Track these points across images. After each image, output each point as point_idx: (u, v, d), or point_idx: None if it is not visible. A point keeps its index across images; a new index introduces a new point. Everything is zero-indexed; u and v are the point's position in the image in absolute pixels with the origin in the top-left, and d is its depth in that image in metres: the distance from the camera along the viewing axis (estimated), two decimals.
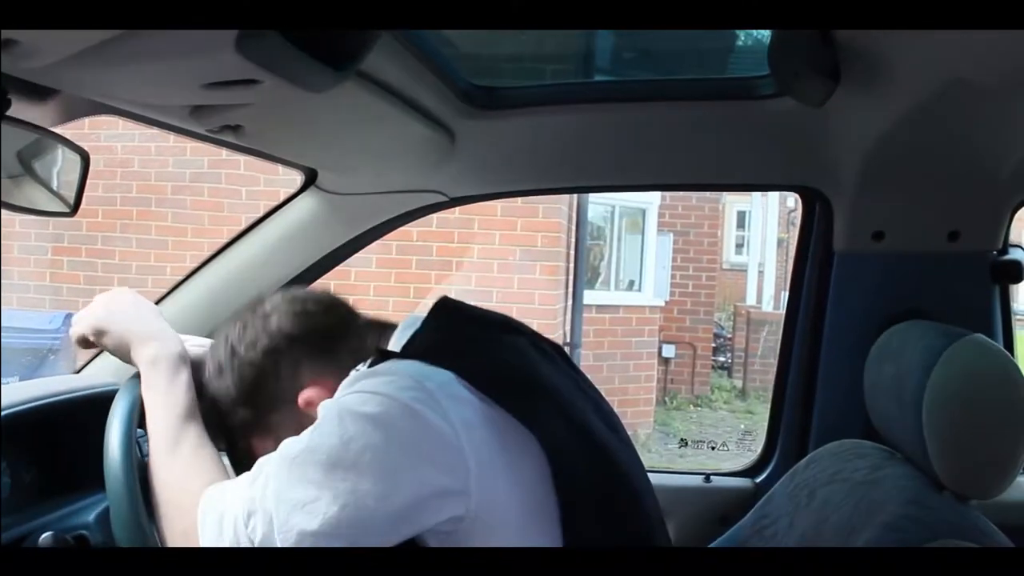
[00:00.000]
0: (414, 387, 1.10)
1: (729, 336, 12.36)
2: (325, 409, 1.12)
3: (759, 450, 2.08)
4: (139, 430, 1.36)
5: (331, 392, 1.21)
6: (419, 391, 1.10)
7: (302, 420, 1.23)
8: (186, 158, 7.03)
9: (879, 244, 1.79)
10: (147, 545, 1.19)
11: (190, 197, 7.05)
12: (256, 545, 1.10)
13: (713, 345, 11.31)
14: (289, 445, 1.11)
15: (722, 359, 11.90)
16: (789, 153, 1.74)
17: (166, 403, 1.27)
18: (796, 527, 1.56)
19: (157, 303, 1.81)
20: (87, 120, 1.25)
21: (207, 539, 1.14)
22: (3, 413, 1.39)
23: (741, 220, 18.42)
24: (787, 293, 1.97)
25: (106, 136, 6.88)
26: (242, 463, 1.31)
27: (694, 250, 10.71)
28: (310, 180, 1.79)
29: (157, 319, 1.37)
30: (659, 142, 1.72)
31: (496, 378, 1.16)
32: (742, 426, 9.37)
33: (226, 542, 1.12)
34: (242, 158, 6.80)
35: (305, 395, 1.26)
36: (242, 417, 1.30)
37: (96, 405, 1.34)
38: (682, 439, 8.39)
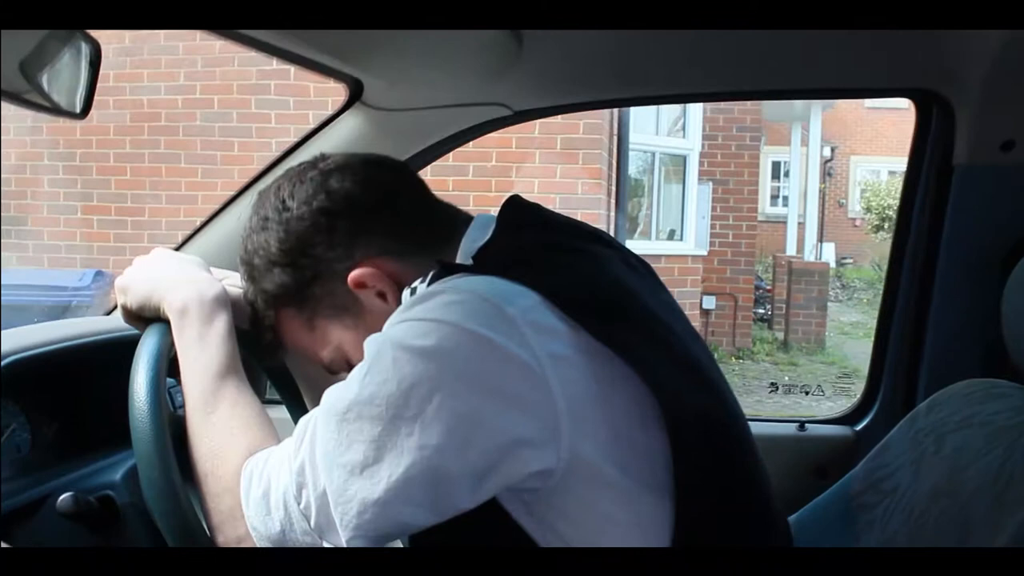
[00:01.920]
0: (490, 313, 0.89)
1: (769, 287, 12.12)
2: (375, 346, 0.91)
3: (858, 395, 1.88)
4: (171, 379, 1.18)
5: (386, 277, 1.04)
6: (496, 317, 0.89)
7: (346, 302, 1.06)
8: (215, 111, 6.87)
9: (1009, 155, 1.56)
10: (181, 511, 1.01)
11: (220, 153, 6.90)
12: (313, 523, 0.91)
13: (753, 296, 11.07)
14: (335, 395, 0.91)
15: (761, 311, 11.67)
16: (902, 52, 1.51)
17: (199, 356, 1.08)
18: (923, 478, 1.37)
19: (190, 237, 1.62)
20: (111, 73, 1.04)
21: (255, 521, 0.96)
22: (19, 356, 1.22)
23: (776, 171, 18.14)
24: (823, 244, 1.74)
25: (132, 89, 6.73)
26: (266, 348, 1.16)
27: (734, 199, 10.44)
28: (355, 95, 1.57)
29: (189, 266, 1.17)
30: (752, 41, 1.48)
31: (590, 301, 0.95)
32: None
33: (276, 523, 0.94)
34: (273, 111, 6.69)
35: (356, 273, 1.06)
36: (278, 281, 1.10)
37: (126, 349, 1.14)
38: (772, 383, 7.99)
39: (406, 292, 1.04)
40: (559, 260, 0.99)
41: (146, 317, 1.14)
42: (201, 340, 1.09)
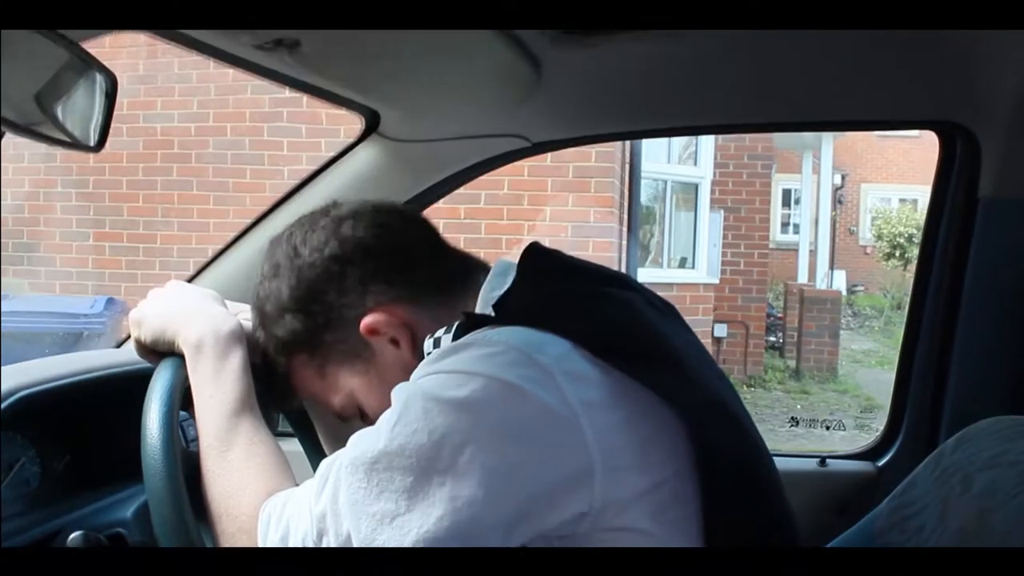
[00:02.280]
0: (523, 362, 0.88)
1: (780, 315, 12.06)
2: (404, 396, 0.89)
3: (880, 429, 1.84)
4: (184, 413, 1.16)
5: (400, 324, 1.03)
6: (529, 367, 0.87)
7: (358, 349, 1.05)
8: (227, 138, 6.89)
9: None
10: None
11: (232, 180, 6.91)
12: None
13: (765, 324, 11.02)
14: (364, 445, 0.89)
15: (773, 339, 11.61)
16: (930, 85, 1.49)
17: (214, 392, 1.07)
18: (950, 518, 1.33)
19: (203, 269, 1.61)
20: (125, 101, 1.03)
21: None
22: (31, 391, 1.20)
23: (787, 198, 18.11)
24: (834, 272, 1.72)
25: (145, 117, 6.76)
26: (280, 393, 1.14)
27: (745, 227, 10.41)
28: (372, 126, 1.56)
29: (205, 299, 1.16)
30: (777, 74, 1.47)
31: (621, 344, 0.93)
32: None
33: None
34: (286, 139, 6.71)
35: (369, 319, 1.04)
36: (289, 328, 1.09)
37: (138, 383, 1.13)
38: (793, 418, 7.88)
39: (428, 343, 1.02)
40: (586, 306, 0.98)
41: (160, 351, 1.13)
42: (216, 376, 1.07)
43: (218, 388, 1.06)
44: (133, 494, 1.18)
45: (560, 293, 1.00)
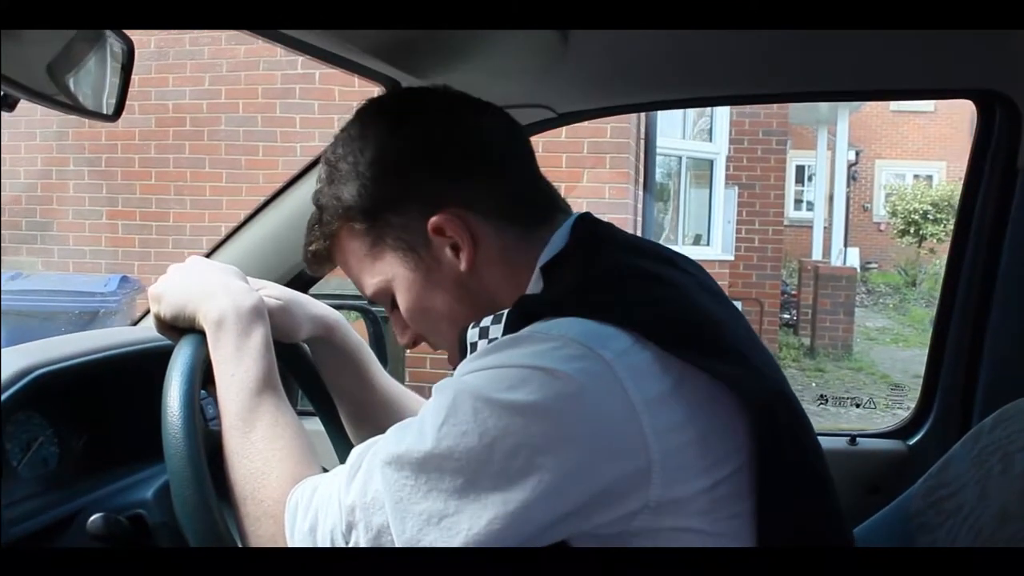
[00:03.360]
0: (583, 357, 0.82)
1: (794, 292, 12.00)
2: (450, 394, 0.83)
3: (911, 407, 1.80)
4: (203, 391, 1.13)
5: (468, 234, 0.97)
6: (590, 362, 0.82)
7: (416, 241, 1.00)
8: (240, 115, 6.85)
9: None
10: (217, 531, 0.96)
11: (245, 157, 6.88)
12: None
13: (779, 302, 10.96)
14: (406, 441, 0.84)
15: (787, 316, 11.55)
16: (968, 51, 1.43)
17: (236, 370, 1.03)
18: (990, 499, 1.29)
19: (221, 244, 1.57)
20: (137, 78, 1.01)
21: None
22: (48, 369, 1.17)
23: (800, 175, 17.99)
24: (849, 249, 1.67)
25: (157, 94, 6.72)
26: (313, 256, 1.08)
27: (760, 203, 10.34)
28: None
29: (226, 275, 1.12)
30: (810, 41, 1.41)
31: (685, 332, 0.88)
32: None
33: None
34: (299, 115, 6.66)
35: (439, 217, 0.98)
36: (356, 193, 1.01)
37: (157, 361, 1.10)
38: (822, 395, 7.78)
39: (472, 332, 0.98)
40: (646, 291, 0.92)
41: (180, 327, 1.09)
42: (238, 353, 1.04)
43: (240, 366, 1.03)
44: (153, 474, 1.15)
45: (616, 273, 0.94)
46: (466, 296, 1.01)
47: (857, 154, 18.72)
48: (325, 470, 0.98)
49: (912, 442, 1.75)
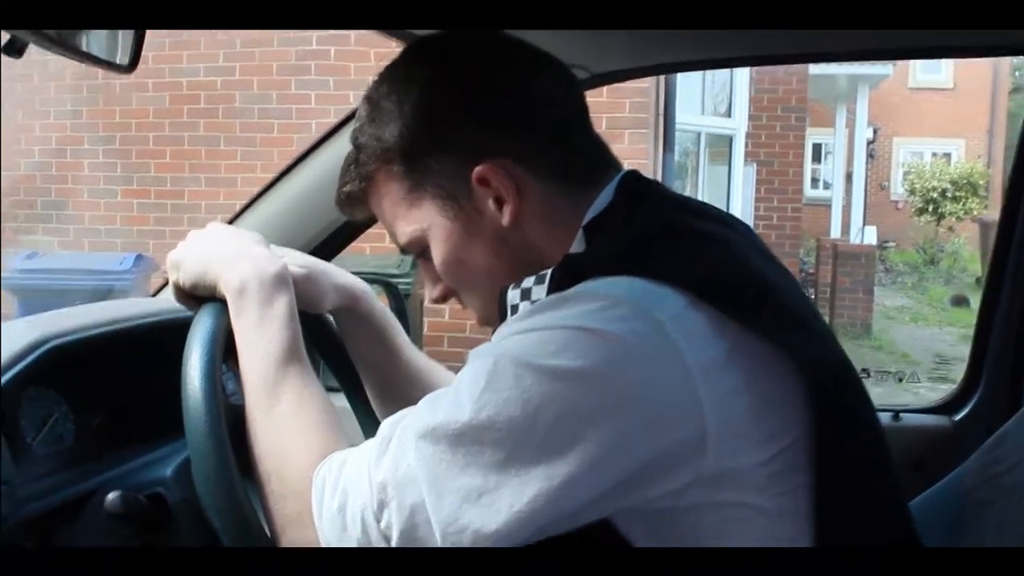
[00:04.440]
0: (635, 317, 0.77)
1: (812, 271, 11.90)
2: (490, 359, 0.78)
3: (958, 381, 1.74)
4: (224, 366, 1.08)
5: (514, 187, 0.91)
6: (642, 322, 0.76)
7: (458, 190, 0.93)
8: (254, 92, 6.80)
9: None
10: (240, 507, 0.91)
11: (260, 135, 6.82)
12: (396, 543, 0.80)
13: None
14: (441, 411, 0.79)
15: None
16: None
17: (259, 340, 0.97)
18: None
19: (242, 212, 1.52)
20: (150, 55, 0.97)
21: (329, 535, 0.85)
22: (62, 341, 1.12)
23: (817, 153, 17.84)
24: (868, 227, 1.59)
25: (171, 71, 6.67)
26: (347, 198, 1.02)
27: (779, 181, 10.25)
28: None
29: (248, 241, 1.06)
30: None
31: (740, 294, 0.82)
32: None
33: (353, 540, 0.82)
34: (314, 92, 6.60)
35: (484, 167, 0.92)
36: (398, 134, 0.95)
37: (176, 332, 1.04)
38: (864, 368, 7.65)
39: (513, 294, 0.92)
40: (700, 250, 0.86)
41: (200, 296, 1.03)
42: (261, 322, 0.98)
43: (263, 335, 0.97)
44: (173, 451, 1.10)
45: (669, 229, 0.88)
46: (505, 252, 0.94)
47: (875, 132, 18.58)
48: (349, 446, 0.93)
49: (957, 418, 1.69)
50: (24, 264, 5.64)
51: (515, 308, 0.91)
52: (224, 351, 1.01)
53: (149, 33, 0.93)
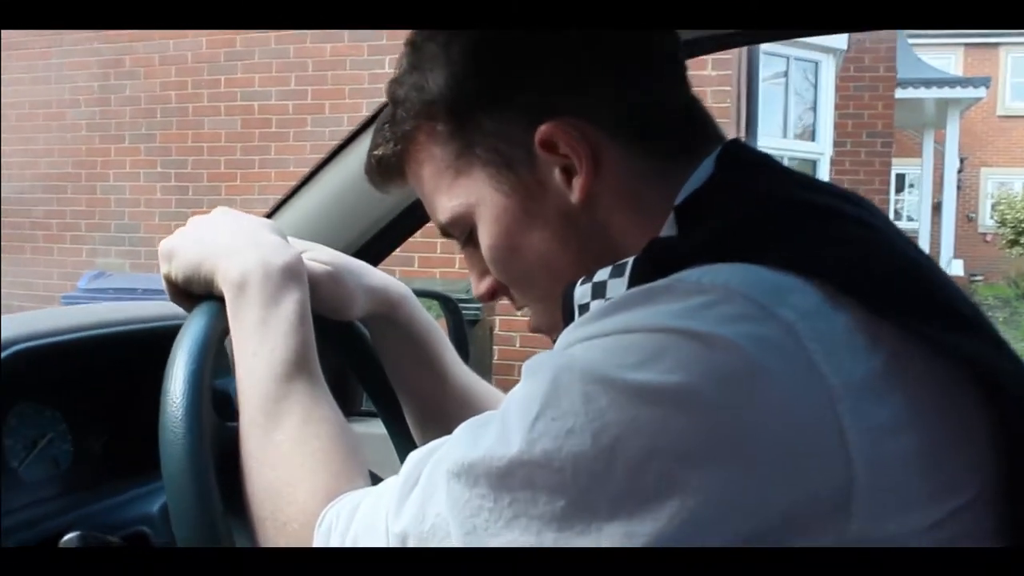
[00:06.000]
0: (754, 317, 0.55)
1: None
2: (551, 370, 0.57)
3: None
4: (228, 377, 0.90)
5: (589, 152, 0.71)
6: (765, 325, 0.55)
7: (515, 157, 0.73)
8: (326, 116, 6.75)
9: None
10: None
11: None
12: None
13: None
14: (482, 441, 0.58)
15: None
16: None
17: (260, 347, 0.78)
18: None
19: (277, 208, 1.34)
20: (223, 78, 0.87)
21: None
22: (61, 338, 0.97)
23: (900, 183, 17.32)
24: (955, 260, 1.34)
25: (243, 95, 6.66)
26: (379, 164, 0.81)
27: None
28: None
29: (256, 227, 0.86)
30: None
31: (900, 288, 0.60)
32: None
33: None
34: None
35: (550, 126, 0.70)
36: (446, 84, 0.75)
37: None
38: None
39: (580, 290, 0.70)
40: (835, 231, 0.63)
41: (195, 293, 0.84)
42: (263, 324, 0.78)
43: (264, 342, 0.77)
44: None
45: (790, 205, 0.66)
46: (574, 237, 0.73)
47: (962, 161, 18.04)
48: (378, 480, 0.72)
49: None
50: (89, 283, 5.63)
51: (584, 308, 0.69)
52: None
53: (222, 57, 0.82)
